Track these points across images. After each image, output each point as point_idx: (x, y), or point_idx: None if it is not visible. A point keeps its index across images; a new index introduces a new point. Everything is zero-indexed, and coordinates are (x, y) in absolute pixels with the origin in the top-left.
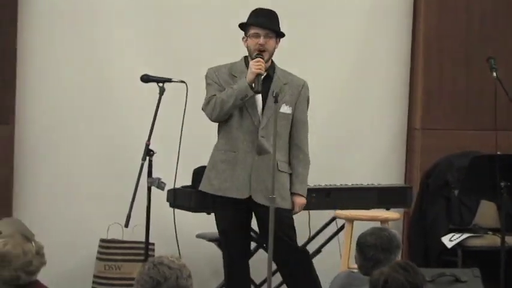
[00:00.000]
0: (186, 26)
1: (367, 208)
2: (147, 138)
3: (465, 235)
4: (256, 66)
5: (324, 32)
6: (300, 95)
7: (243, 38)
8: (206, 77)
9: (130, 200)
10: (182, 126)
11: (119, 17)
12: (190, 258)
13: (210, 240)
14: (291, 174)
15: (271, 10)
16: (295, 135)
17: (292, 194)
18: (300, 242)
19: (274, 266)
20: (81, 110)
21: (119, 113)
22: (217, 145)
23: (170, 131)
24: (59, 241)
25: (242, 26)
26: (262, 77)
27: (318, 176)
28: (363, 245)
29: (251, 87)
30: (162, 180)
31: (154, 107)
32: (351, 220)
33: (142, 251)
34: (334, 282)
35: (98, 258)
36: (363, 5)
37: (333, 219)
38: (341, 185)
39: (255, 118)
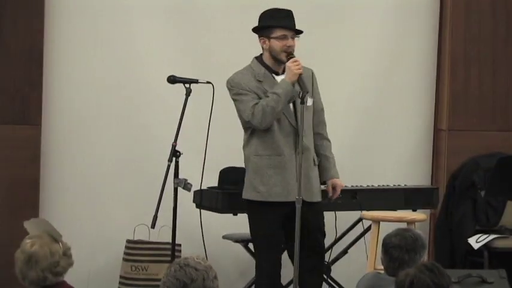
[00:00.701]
0: (212, 26)
1: (394, 209)
2: (173, 139)
3: (491, 236)
4: (297, 67)
5: (350, 30)
6: (313, 84)
7: (261, 38)
8: (233, 87)
9: (157, 201)
10: (209, 127)
11: (147, 17)
12: (217, 259)
13: (237, 241)
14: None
15: (289, 10)
16: (317, 123)
17: (330, 179)
18: (327, 243)
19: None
20: (108, 110)
21: (146, 114)
22: (256, 150)
23: (197, 132)
24: (85, 242)
25: (259, 27)
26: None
27: (344, 177)
28: (388, 246)
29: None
30: (189, 181)
31: (181, 108)
32: (377, 221)
33: (168, 252)
34: (360, 282)
35: (125, 259)
36: (389, 4)
37: (360, 220)
38: (367, 186)
39: (291, 119)
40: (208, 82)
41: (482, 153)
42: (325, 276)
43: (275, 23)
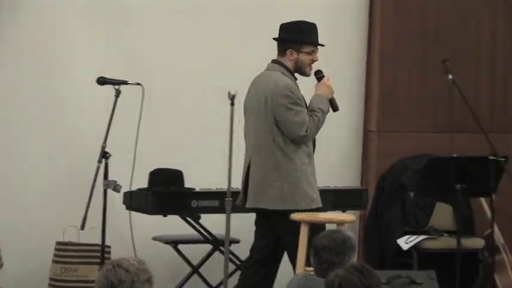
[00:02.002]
0: (143, 28)
1: (324, 210)
2: (103, 140)
3: (420, 237)
4: (332, 85)
5: (272, 31)
6: None
7: (290, 50)
8: (292, 95)
9: (86, 202)
10: (138, 128)
11: (76, 17)
12: (147, 260)
13: (167, 242)
14: None
15: (314, 23)
16: None
17: None
18: None
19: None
20: (37, 112)
21: (75, 115)
22: (301, 159)
23: (126, 134)
24: (15, 243)
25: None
26: None
27: None
28: (317, 248)
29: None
30: (118, 182)
31: (111, 110)
32: (307, 222)
33: (98, 254)
34: (290, 284)
35: (54, 261)
36: (318, 6)
37: None
38: None
39: None
40: (137, 84)
41: (411, 154)
42: None
43: (309, 39)
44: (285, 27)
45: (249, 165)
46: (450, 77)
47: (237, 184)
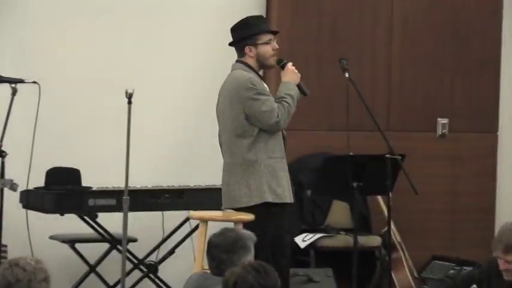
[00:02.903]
0: (37, 26)
1: (221, 209)
2: None
3: (318, 235)
4: (296, 70)
5: (179, 31)
6: None
7: (247, 47)
8: (254, 86)
9: None
10: (35, 127)
11: None
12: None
13: (64, 241)
14: None
15: (261, 15)
16: None
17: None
18: (154, 243)
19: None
20: None
21: None
22: (268, 153)
23: (23, 132)
24: None
25: (240, 37)
26: None
27: (171, 177)
28: (210, 246)
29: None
30: (15, 181)
31: (7, 108)
32: (204, 221)
33: None
34: (187, 283)
35: None
36: (215, 6)
37: (187, 219)
38: (195, 185)
39: None
40: (34, 82)
41: (309, 152)
42: (152, 276)
43: (259, 30)
44: (234, 29)
45: None
46: (347, 75)
47: (134, 183)
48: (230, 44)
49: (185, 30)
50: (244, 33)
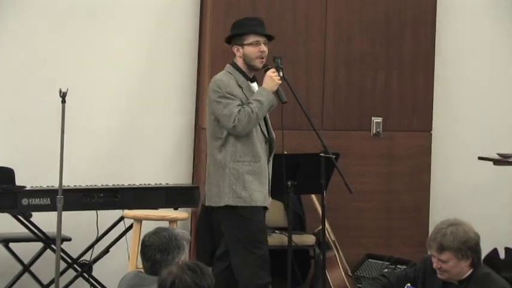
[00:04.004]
0: None
1: (155, 208)
2: None
3: None
4: (277, 77)
5: (109, 30)
6: None
7: (235, 46)
8: (219, 90)
9: None
10: None
11: None
12: None
13: None
14: None
15: (259, 18)
16: None
17: None
18: (88, 242)
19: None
20: None
21: None
22: (234, 156)
23: None
24: None
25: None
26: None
27: (105, 176)
28: (143, 245)
29: (277, 97)
30: None
31: None
32: (139, 220)
33: None
34: (121, 282)
35: None
36: (150, 6)
37: (121, 219)
38: (129, 185)
39: (263, 127)
40: None
41: None
42: (86, 275)
43: (247, 30)
44: (231, 27)
45: None
46: (281, 74)
47: (68, 182)
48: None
49: (122, 30)
50: (233, 32)
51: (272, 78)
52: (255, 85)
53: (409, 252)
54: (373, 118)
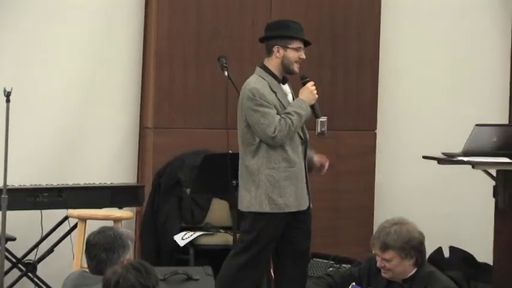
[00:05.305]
0: None
1: (100, 207)
2: None
3: (197, 233)
4: (315, 91)
5: (56, 31)
6: None
7: (276, 47)
8: (256, 97)
9: None
10: None
11: None
12: None
13: None
14: None
15: (300, 23)
16: None
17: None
18: (32, 241)
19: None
20: None
21: None
22: (269, 163)
23: None
24: None
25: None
26: None
27: (50, 176)
28: (88, 244)
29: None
30: None
31: None
32: (83, 219)
33: None
34: (66, 282)
35: None
36: (94, 5)
37: (66, 218)
38: (73, 184)
39: (301, 132)
40: None
41: (188, 150)
42: (31, 275)
43: (295, 35)
44: (271, 26)
45: None
46: (226, 73)
47: (12, 182)
48: (261, 40)
49: (66, 29)
50: (278, 33)
51: (312, 92)
52: (286, 87)
53: (357, 251)
54: None
